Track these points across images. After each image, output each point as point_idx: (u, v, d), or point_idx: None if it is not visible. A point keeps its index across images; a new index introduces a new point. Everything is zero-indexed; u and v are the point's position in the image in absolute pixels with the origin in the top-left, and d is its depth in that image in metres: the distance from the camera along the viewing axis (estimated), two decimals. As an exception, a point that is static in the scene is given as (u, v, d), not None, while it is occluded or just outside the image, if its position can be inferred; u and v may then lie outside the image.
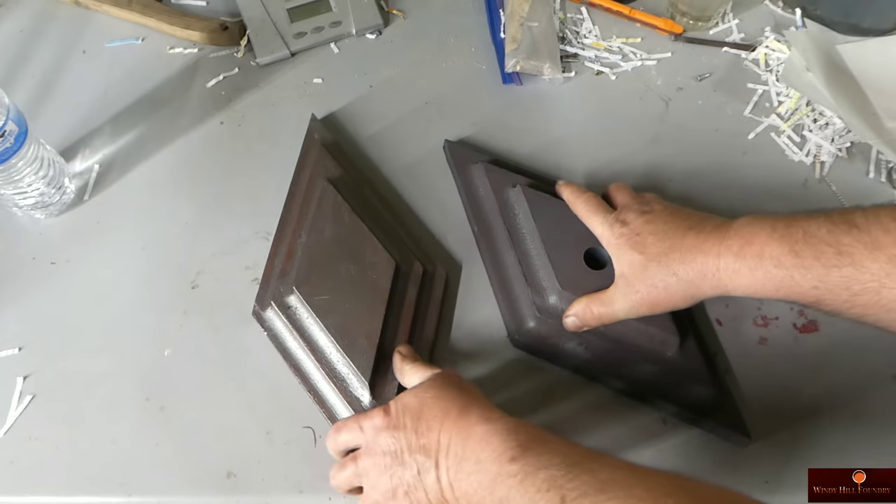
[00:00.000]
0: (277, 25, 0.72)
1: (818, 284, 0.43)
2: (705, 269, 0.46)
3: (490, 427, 0.42)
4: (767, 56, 0.69)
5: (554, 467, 0.38)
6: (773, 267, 0.44)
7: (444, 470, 0.42)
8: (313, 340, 0.53)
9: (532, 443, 0.40)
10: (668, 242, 0.48)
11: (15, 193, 0.60)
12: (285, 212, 0.61)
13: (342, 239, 0.56)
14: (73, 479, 0.52)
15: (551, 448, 0.40)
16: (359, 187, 0.62)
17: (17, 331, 0.58)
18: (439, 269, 0.59)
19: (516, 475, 0.39)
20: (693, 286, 0.47)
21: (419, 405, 0.45)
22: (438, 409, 0.44)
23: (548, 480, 0.38)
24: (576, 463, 0.38)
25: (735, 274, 0.45)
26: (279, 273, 0.57)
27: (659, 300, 0.48)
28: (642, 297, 0.48)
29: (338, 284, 0.54)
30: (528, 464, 0.39)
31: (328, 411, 0.53)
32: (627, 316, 0.50)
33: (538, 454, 0.40)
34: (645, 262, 0.48)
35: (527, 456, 0.39)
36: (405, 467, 0.44)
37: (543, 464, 0.39)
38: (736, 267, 0.45)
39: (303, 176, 0.62)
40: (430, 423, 0.44)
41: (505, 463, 0.40)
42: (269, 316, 0.56)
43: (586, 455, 0.40)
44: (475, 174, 0.62)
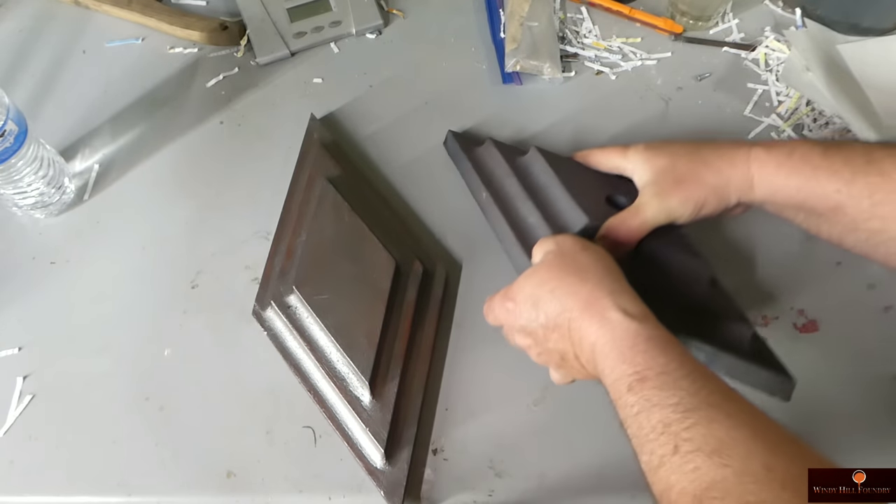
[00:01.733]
0: (277, 25, 0.72)
1: (842, 188, 0.43)
2: (736, 156, 0.47)
3: (608, 337, 0.41)
4: (767, 56, 0.69)
5: (670, 408, 0.37)
6: (802, 163, 0.45)
7: (583, 360, 0.43)
8: (313, 340, 0.53)
9: (649, 370, 0.39)
10: (697, 145, 0.49)
11: (15, 193, 0.60)
12: (285, 211, 0.61)
13: (342, 238, 0.56)
14: (73, 478, 0.52)
15: (671, 382, 0.38)
16: (358, 187, 0.62)
17: (17, 331, 0.58)
18: (439, 269, 0.59)
19: (632, 406, 0.38)
20: (723, 177, 0.47)
21: (538, 301, 0.44)
22: (558, 306, 0.43)
23: (662, 422, 0.37)
24: (694, 408, 0.37)
25: (763, 166, 0.46)
26: (279, 273, 0.57)
27: (690, 191, 0.48)
28: (671, 189, 0.48)
29: (338, 284, 0.54)
30: (643, 398, 0.38)
31: (328, 411, 0.53)
32: (658, 216, 0.49)
33: (656, 387, 0.38)
34: (673, 162, 0.49)
35: (643, 389, 0.38)
36: (551, 353, 0.45)
37: (660, 401, 0.37)
38: (765, 158, 0.46)
39: (302, 175, 0.62)
40: (556, 323, 0.44)
41: (622, 391, 0.39)
42: (269, 315, 0.56)
43: (708, 397, 0.37)
44: (484, 151, 0.61)
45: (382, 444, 0.50)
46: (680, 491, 0.35)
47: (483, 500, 0.51)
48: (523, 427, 0.53)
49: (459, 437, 0.53)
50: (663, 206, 0.49)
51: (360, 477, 0.51)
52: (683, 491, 0.35)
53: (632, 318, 0.41)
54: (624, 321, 0.41)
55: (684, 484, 0.35)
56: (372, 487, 0.50)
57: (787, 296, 0.57)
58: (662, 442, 0.36)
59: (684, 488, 0.35)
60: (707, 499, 0.34)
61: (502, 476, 0.51)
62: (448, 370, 0.55)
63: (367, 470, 0.50)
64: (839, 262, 0.58)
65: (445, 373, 0.55)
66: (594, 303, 0.42)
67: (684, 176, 0.49)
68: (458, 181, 0.63)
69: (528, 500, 0.51)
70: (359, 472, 0.51)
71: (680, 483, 0.35)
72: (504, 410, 0.53)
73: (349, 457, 0.51)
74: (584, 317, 0.42)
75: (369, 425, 0.50)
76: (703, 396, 0.37)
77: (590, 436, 0.52)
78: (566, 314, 0.43)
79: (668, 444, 0.36)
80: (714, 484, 0.34)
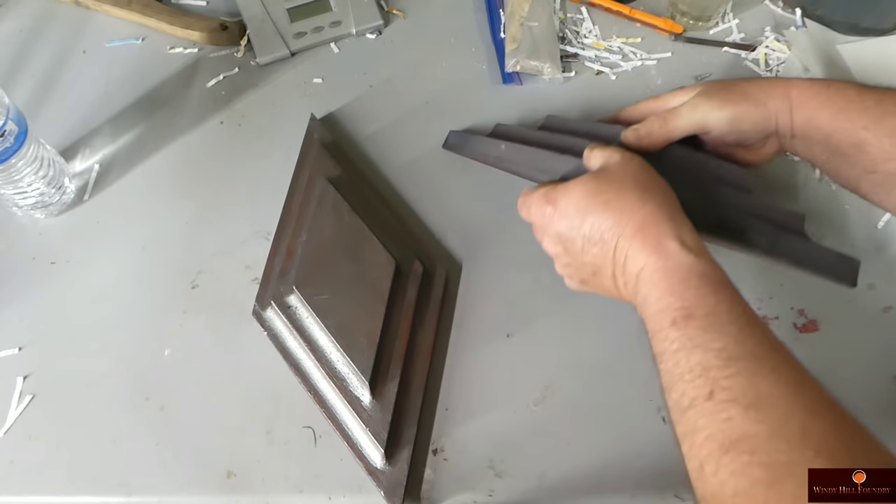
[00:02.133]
0: (277, 25, 0.72)
1: (869, 125, 0.44)
2: (776, 83, 0.48)
3: (661, 265, 0.39)
4: (767, 56, 0.69)
5: (713, 353, 0.36)
6: (837, 95, 0.46)
7: (621, 281, 0.42)
8: (313, 340, 0.53)
9: (698, 308, 0.37)
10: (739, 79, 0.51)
11: (15, 193, 0.60)
12: (285, 211, 0.61)
13: (342, 238, 0.56)
14: (73, 478, 0.52)
15: (718, 325, 0.37)
16: (358, 187, 0.62)
17: (18, 330, 0.58)
18: (439, 269, 0.59)
19: (673, 342, 0.37)
20: (765, 94, 0.48)
21: (587, 211, 0.42)
22: (609, 219, 0.42)
23: (702, 364, 0.36)
24: (738, 356, 0.35)
25: (802, 92, 0.47)
26: (279, 273, 0.57)
27: (731, 97, 0.48)
28: (714, 92, 0.49)
29: (338, 284, 0.54)
30: (686, 336, 0.37)
31: (328, 411, 0.53)
32: (693, 116, 0.49)
33: (701, 328, 0.37)
34: (718, 83, 0.50)
35: (689, 327, 0.37)
36: (583, 266, 0.45)
37: (703, 343, 0.36)
38: (805, 86, 0.47)
39: (302, 175, 0.62)
40: (601, 237, 0.42)
41: (665, 324, 0.38)
42: (269, 315, 0.56)
43: (754, 347, 0.36)
44: (497, 129, 0.62)
45: (382, 444, 0.50)
46: (708, 436, 0.34)
47: (483, 500, 0.51)
48: (523, 427, 0.53)
49: (459, 437, 0.53)
50: (702, 106, 0.49)
51: (360, 477, 0.51)
52: (711, 437, 0.34)
53: (688, 251, 0.40)
54: (680, 252, 0.39)
55: (713, 430, 0.34)
56: (372, 487, 0.50)
57: (787, 296, 0.57)
58: (698, 385, 0.35)
59: (712, 434, 0.34)
60: (735, 450, 0.33)
61: (502, 476, 0.51)
62: (448, 370, 0.55)
63: (367, 470, 0.50)
64: (839, 262, 0.58)
65: (445, 373, 0.55)
66: (651, 227, 0.40)
67: (729, 87, 0.49)
68: (458, 181, 0.63)
69: (528, 500, 0.51)
70: (359, 472, 0.51)
71: (708, 429, 0.34)
72: (504, 410, 0.53)
73: (349, 457, 0.51)
74: (638, 238, 0.40)
75: (369, 425, 0.50)
76: (749, 346, 0.36)
77: (590, 436, 0.52)
78: (617, 230, 0.41)
79: (704, 388, 0.35)
80: (745, 437, 0.33)
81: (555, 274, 0.58)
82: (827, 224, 0.60)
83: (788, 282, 0.57)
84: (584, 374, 0.55)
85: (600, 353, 0.55)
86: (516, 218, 0.61)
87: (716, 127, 0.49)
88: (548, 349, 0.56)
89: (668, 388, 0.38)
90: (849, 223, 0.60)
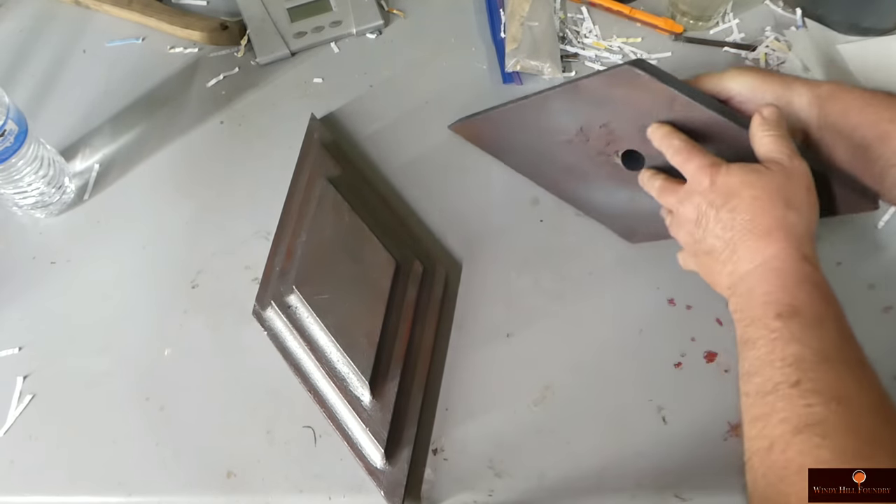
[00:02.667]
0: (277, 25, 0.72)
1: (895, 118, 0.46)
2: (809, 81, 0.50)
3: (777, 266, 0.41)
4: (768, 56, 0.69)
5: (810, 349, 0.37)
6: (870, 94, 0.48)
7: (728, 268, 0.44)
8: (313, 340, 0.53)
9: (806, 308, 0.39)
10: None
11: (15, 193, 0.60)
12: (285, 211, 0.61)
13: (342, 238, 0.56)
14: (73, 478, 0.52)
15: (821, 325, 0.39)
16: (358, 186, 0.62)
17: (18, 330, 0.58)
18: (439, 269, 0.59)
19: (773, 331, 0.39)
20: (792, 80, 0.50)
21: (733, 195, 0.44)
22: (748, 214, 0.43)
23: (796, 356, 0.37)
24: (832, 358, 0.37)
25: (834, 87, 0.49)
26: (279, 272, 0.57)
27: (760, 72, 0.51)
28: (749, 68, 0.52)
29: (338, 284, 0.54)
30: (788, 329, 0.38)
31: (328, 411, 0.53)
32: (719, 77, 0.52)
33: (805, 325, 0.38)
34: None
35: (793, 321, 0.39)
36: (704, 241, 0.46)
37: (803, 337, 0.38)
38: (836, 82, 0.49)
39: (302, 175, 0.62)
40: (731, 224, 0.44)
41: (770, 315, 0.39)
42: (269, 315, 0.56)
43: (848, 356, 0.38)
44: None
45: (382, 444, 0.50)
46: (782, 419, 0.36)
47: (483, 500, 0.51)
48: (523, 427, 0.53)
49: (459, 437, 0.53)
50: (731, 71, 0.51)
51: (360, 477, 0.51)
52: (786, 419, 0.36)
53: (808, 262, 0.42)
54: (800, 261, 0.41)
55: (790, 414, 0.36)
56: (372, 487, 0.50)
57: (787, 296, 0.57)
58: (787, 373, 0.37)
59: (787, 417, 0.36)
60: (809, 432, 0.35)
61: (502, 476, 0.51)
62: (448, 370, 0.55)
63: (367, 470, 0.50)
64: (839, 262, 0.58)
65: (445, 373, 0.55)
66: (781, 234, 0.42)
67: (767, 70, 0.52)
68: (458, 181, 0.63)
69: (528, 500, 0.51)
70: (359, 471, 0.51)
71: (786, 412, 0.36)
72: (504, 410, 0.53)
73: (349, 457, 0.51)
74: (764, 239, 0.42)
75: (369, 425, 0.50)
76: (845, 354, 0.38)
77: (590, 436, 0.52)
78: (749, 226, 0.43)
79: (792, 377, 0.37)
80: (821, 423, 0.35)
81: (555, 274, 0.59)
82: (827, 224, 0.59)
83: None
84: (584, 374, 0.55)
85: (600, 353, 0.55)
86: (517, 218, 0.62)
87: (740, 91, 0.51)
88: (548, 349, 0.56)
89: (752, 373, 0.39)
90: (849, 223, 0.60)
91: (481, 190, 0.63)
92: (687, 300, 0.57)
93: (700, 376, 0.54)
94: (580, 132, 0.56)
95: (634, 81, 0.50)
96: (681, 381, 0.54)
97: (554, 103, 0.56)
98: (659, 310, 0.57)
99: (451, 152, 0.65)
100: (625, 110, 0.52)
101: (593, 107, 0.54)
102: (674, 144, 0.49)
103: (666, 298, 0.57)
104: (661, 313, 0.57)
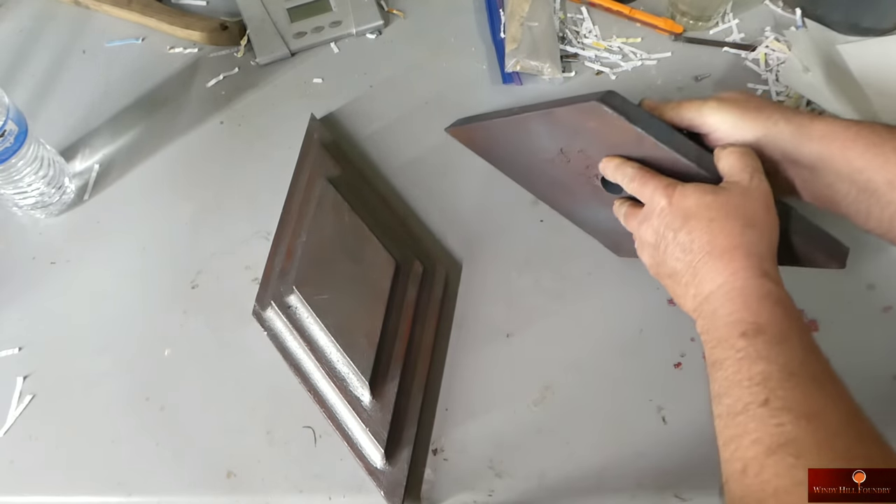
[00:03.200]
0: (277, 25, 0.72)
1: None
2: (798, 115, 0.48)
3: (739, 285, 0.41)
4: (767, 56, 0.69)
5: (776, 366, 0.37)
6: (869, 131, 0.46)
7: (692, 291, 0.43)
8: (313, 340, 0.53)
9: (770, 326, 0.39)
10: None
11: (15, 193, 0.60)
12: (285, 211, 0.61)
13: (342, 238, 0.56)
14: (73, 478, 0.52)
15: (786, 342, 0.39)
16: (358, 186, 0.62)
17: (18, 331, 0.58)
18: (439, 269, 0.59)
19: (739, 351, 0.39)
20: (782, 117, 0.47)
21: (690, 218, 0.44)
22: (706, 235, 0.43)
23: (763, 374, 0.37)
24: (799, 374, 0.37)
25: (829, 124, 0.47)
26: (279, 273, 0.57)
27: (742, 109, 0.48)
28: (733, 100, 0.49)
29: (338, 284, 0.54)
30: (754, 347, 0.38)
31: (328, 411, 0.53)
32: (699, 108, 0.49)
33: (769, 343, 0.38)
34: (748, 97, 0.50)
35: (757, 340, 0.39)
36: (664, 264, 0.45)
37: (769, 355, 0.38)
38: (832, 120, 0.47)
39: (302, 175, 0.62)
40: (690, 248, 0.43)
41: (734, 334, 0.39)
42: (270, 315, 0.56)
43: (815, 371, 0.38)
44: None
45: (382, 445, 0.50)
46: (755, 440, 0.36)
47: (483, 500, 0.51)
48: (523, 427, 0.53)
49: (459, 437, 0.53)
50: (710, 102, 0.49)
51: (360, 477, 0.51)
52: (758, 440, 0.36)
53: (769, 279, 0.41)
54: (761, 279, 0.41)
55: (762, 434, 0.36)
56: (372, 487, 0.50)
57: (787, 296, 0.57)
58: (755, 392, 0.37)
59: (759, 438, 0.36)
60: (782, 453, 0.34)
61: (502, 476, 0.51)
62: (448, 370, 0.55)
63: (367, 470, 0.50)
64: (839, 262, 0.58)
65: (445, 373, 0.55)
66: (740, 253, 0.42)
67: (753, 100, 0.49)
68: (458, 180, 0.63)
69: (528, 500, 0.51)
70: (359, 471, 0.51)
71: (757, 432, 0.36)
72: (504, 410, 0.53)
73: (349, 457, 0.51)
74: (723, 259, 0.42)
75: (369, 425, 0.50)
76: (812, 370, 0.38)
77: (590, 436, 0.52)
78: (706, 248, 0.43)
79: (760, 395, 0.36)
80: (794, 442, 0.35)
81: (555, 274, 0.59)
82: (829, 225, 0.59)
83: (788, 281, 0.57)
84: (584, 374, 0.55)
85: (600, 353, 0.55)
86: (517, 218, 0.62)
87: (718, 128, 0.49)
88: (548, 349, 0.56)
89: (721, 394, 0.39)
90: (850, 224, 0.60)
91: (481, 190, 0.63)
92: (687, 300, 0.57)
93: (700, 376, 0.54)
94: (560, 153, 0.55)
95: (603, 117, 0.49)
96: (681, 381, 0.54)
97: (533, 125, 0.55)
98: (659, 310, 0.57)
99: (450, 152, 0.65)
100: (597, 141, 0.51)
101: (568, 133, 0.53)
102: (627, 173, 0.48)
103: (666, 298, 0.57)
104: (661, 313, 0.57)
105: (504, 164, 0.63)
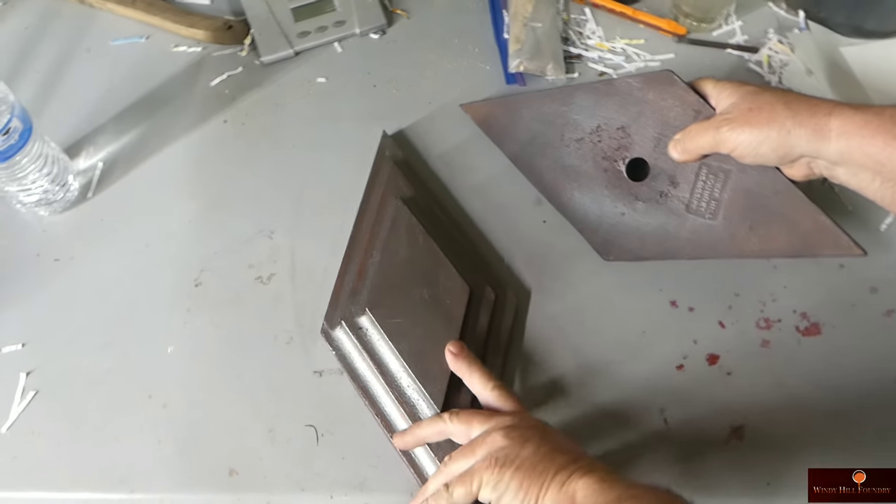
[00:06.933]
0: (281, 25, 0.72)
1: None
2: (819, 106, 0.47)
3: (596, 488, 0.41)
4: (771, 58, 0.69)
5: None
6: (892, 122, 0.44)
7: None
8: (384, 363, 0.52)
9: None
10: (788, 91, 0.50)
11: (19, 190, 0.60)
12: (356, 229, 0.60)
13: (416, 262, 0.55)
14: (76, 475, 0.52)
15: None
16: (429, 208, 0.60)
17: (21, 327, 0.58)
18: (510, 296, 0.57)
19: None
20: (795, 120, 0.47)
21: (517, 460, 0.43)
22: (536, 474, 0.42)
23: None
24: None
25: (847, 120, 0.45)
26: (350, 292, 0.56)
27: (755, 122, 0.48)
28: (739, 116, 0.49)
29: (411, 308, 0.53)
30: None
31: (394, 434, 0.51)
32: (712, 138, 0.49)
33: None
34: (759, 92, 0.49)
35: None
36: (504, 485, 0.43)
37: None
38: (850, 113, 0.46)
39: (374, 194, 0.61)
40: (530, 486, 0.42)
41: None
42: (338, 335, 0.55)
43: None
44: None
45: None
46: None
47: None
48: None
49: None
50: (723, 128, 0.49)
51: (362, 475, 0.51)
52: None
53: (607, 482, 0.41)
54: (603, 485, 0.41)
55: None
56: (374, 486, 0.50)
57: (789, 299, 0.57)
58: None
59: None
60: None
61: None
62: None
63: None
64: (842, 265, 0.58)
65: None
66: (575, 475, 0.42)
67: (762, 105, 0.48)
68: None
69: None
70: (361, 470, 0.51)
71: None
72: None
73: (351, 455, 0.51)
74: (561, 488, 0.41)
75: (437, 452, 0.49)
76: None
77: (591, 436, 0.52)
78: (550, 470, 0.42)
79: None
80: None
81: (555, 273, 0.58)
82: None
83: (791, 285, 0.57)
84: (586, 374, 0.55)
85: (602, 354, 0.55)
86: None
87: (734, 149, 0.49)
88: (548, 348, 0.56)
89: None
90: (852, 225, 0.60)
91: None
92: (689, 302, 0.57)
93: (702, 378, 0.54)
94: (595, 131, 0.57)
95: (669, 87, 0.52)
96: (683, 383, 0.54)
97: (579, 97, 0.57)
98: (661, 312, 0.57)
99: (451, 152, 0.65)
100: (650, 115, 0.54)
101: (618, 107, 0.55)
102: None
103: (668, 300, 0.57)
104: (664, 315, 0.57)
105: (513, 144, 0.62)
